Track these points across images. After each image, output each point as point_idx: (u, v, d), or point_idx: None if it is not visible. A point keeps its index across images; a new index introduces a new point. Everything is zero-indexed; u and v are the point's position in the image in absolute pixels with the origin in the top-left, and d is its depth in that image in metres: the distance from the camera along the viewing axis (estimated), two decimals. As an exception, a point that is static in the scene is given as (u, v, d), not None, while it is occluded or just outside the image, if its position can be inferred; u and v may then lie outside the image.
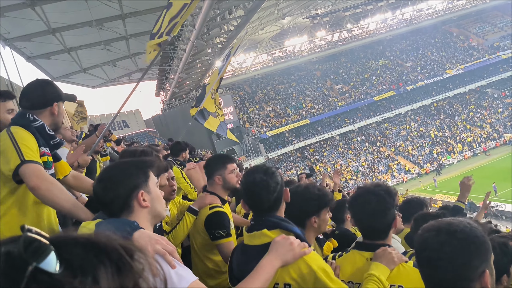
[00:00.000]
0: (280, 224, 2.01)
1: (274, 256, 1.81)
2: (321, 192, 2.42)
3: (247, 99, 53.23)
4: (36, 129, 2.44)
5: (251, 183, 2.09)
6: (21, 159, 2.27)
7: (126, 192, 1.65)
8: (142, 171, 1.73)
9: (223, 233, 2.95)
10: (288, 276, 1.87)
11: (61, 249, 0.56)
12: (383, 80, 54.62)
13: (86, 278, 0.55)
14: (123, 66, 33.35)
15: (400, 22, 58.89)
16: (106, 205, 1.69)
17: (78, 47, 27.40)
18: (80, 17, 22.74)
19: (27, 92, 2.58)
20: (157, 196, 1.75)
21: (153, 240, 1.51)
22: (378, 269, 2.04)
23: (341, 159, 47.47)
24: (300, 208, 2.31)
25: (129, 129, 46.73)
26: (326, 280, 1.82)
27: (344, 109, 50.90)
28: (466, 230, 1.32)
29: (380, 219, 2.18)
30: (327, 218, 2.44)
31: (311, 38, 55.67)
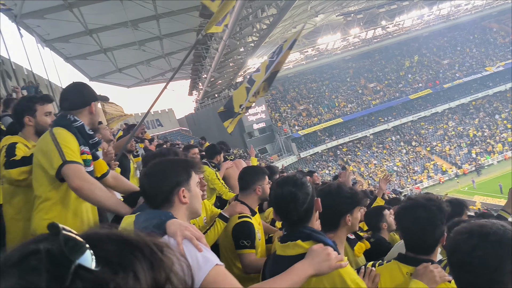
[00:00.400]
0: (312, 236, 2.00)
1: (309, 263, 1.82)
2: (353, 191, 2.45)
3: (279, 98, 53.04)
4: (77, 129, 2.62)
5: (279, 195, 2.10)
6: (63, 159, 2.44)
7: (168, 188, 1.83)
8: (185, 170, 1.90)
9: (247, 243, 3.04)
10: (321, 284, 1.87)
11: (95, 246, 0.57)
12: (419, 78, 53.20)
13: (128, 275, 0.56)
14: (157, 66, 33.88)
15: (437, 18, 57.16)
16: (150, 197, 1.88)
17: (114, 48, 28.03)
18: (115, 18, 23.26)
19: (67, 94, 2.77)
20: (196, 194, 1.92)
21: (183, 226, 1.67)
22: (417, 286, 1.99)
23: (375, 159, 46.61)
24: (334, 207, 2.33)
25: (162, 128, 47.46)
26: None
27: (378, 108, 49.91)
28: (499, 233, 1.28)
29: (428, 235, 2.14)
30: (359, 216, 2.46)
31: (344, 36, 54.81)
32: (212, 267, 1.57)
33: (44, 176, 2.57)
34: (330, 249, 1.86)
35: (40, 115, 3.14)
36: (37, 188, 2.64)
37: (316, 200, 2.11)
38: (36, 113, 3.13)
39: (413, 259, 2.17)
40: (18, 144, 3.06)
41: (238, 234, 3.08)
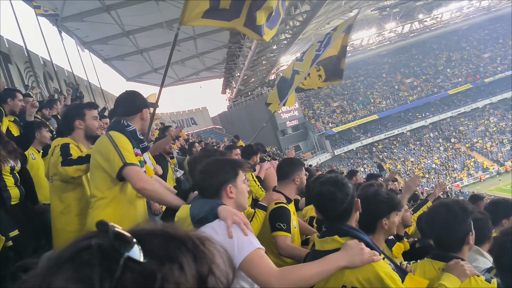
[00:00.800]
0: (350, 232, 2.11)
1: (342, 254, 1.93)
2: (390, 195, 2.51)
3: (312, 95, 52.58)
4: (130, 133, 2.81)
5: (319, 193, 2.25)
6: (123, 162, 2.63)
7: (217, 184, 2.11)
8: (232, 169, 2.17)
9: (283, 226, 3.17)
10: (356, 279, 1.95)
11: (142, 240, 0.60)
12: (458, 72, 51.43)
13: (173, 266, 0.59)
14: (191, 65, 34.35)
15: (477, 11, 55.04)
16: (203, 191, 2.17)
17: (150, 48, 28.63)
18: (151, 19, 23.74)
19: (121, 101, 3.01)
20: (242, 191, 2.17)
21: (232, 212, 1.92)
22: (449, 280, 2.10)
23: (412, 156, 45.50)
24: (371, 210, 2.40)
25: (196, 126, 48.10)
26: (393, 286, 1.89)
27: (415, 104, 48.60)
28: None
29: (450, 232, 2.29)
30: (396, 220, 2.52)
31: (380, 31, 53.70)
32: (253, 249, 1.79)
33: (102, 177, 2.76)
34: (363, 245, 1.96)
35: (89, 119, 3.43)
36: (94, 188, 2.83)
37: (356, 201, 2.20)
38: (85, 117, 3.42)
39: (444, 255, 2.30)
40: (70, 144, 3.31)
41: (274, 217, 3.21)
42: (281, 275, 1.79)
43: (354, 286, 1.95)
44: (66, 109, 3.77)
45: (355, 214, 2.21)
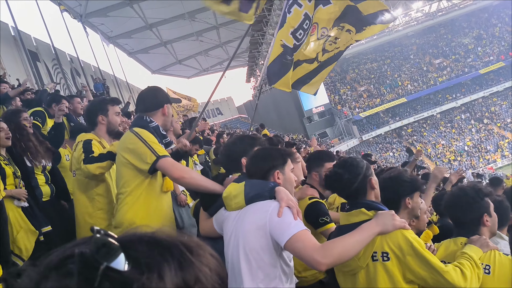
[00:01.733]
0: (373, 205, 2.23)
1: (376, 222, 2.04)
2: (413, 177, 2.62)
3: (338, 80, 51.83)
4: (153, 129, 2.85)
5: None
6: (156, 155, 2.68)
7: (266, 168, 2.22)
8: (282, 156, 2.29)
9: (327, 219, 3.13)
10: (386, 245, 2.06)
11: (129, 248, 0.60)
12: (490, 50, 49.52)
13: (152, 275, 0.58)
14: (215, 55, 34.38)
15: (510, -16, 52.74)
16: (252, 175, 2.24)
17: (173, 40, 28.79)
18: (173, 11, 23.82)
19: (143, 97, 3.02)
20: (289, 179, 2.27)
21: (289, 196, 2.04)
22: (471, 249, 2.28)
23: (443, 139, 44.36)
24: (395, 189, 2.50)
25: (222, 116, 48.33)
26: (421, 249, 2.01)
27: (445, 85, 47.16)
28: None
29: (463, 212, 2.52)
30: (419, 201, 2.59)
31: (406, 11, 52.17)
32: (300, 230, 1.90)
33: (130, 173, 2.79)
34: (393, 212, 2.11)
35: (112, 114, 3.49)
36: (121, 185, 2.86)
37: (370, 180, 2.27)
38: (108, 112, 3.47)
39: (467, 232, 2.49)
40: (93, 141, 3.33)
41: (315, 213, 3.16)
42: (325, 249, 1.86)
43: (385, 251, 2.06)
44: (90, 104, 3.80)
45: (372, 192, 2.29)
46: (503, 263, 2.27)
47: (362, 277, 2.15)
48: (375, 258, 2.09)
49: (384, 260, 2.06)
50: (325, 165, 3.36)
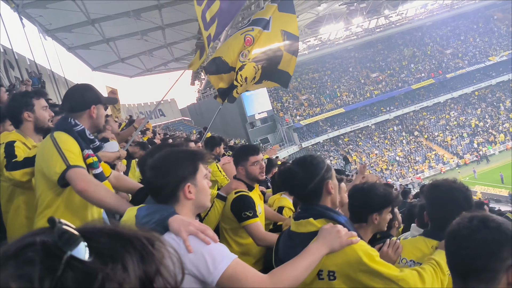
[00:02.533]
0: (324, 213, 2.07)
1: (322, 242, 1.87)
2: (386, 191, 2.47)
3: (281, 88, 52.60)
4: (78, 133, 2.55)
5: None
6: (67, 164, 2.37)
7: (174, 183, 1.76)
8: (192, 163, 1.82)
9: (250, 213, 3.09)
10: (333, 263, 1.94)
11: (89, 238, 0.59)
12: (421, 67, 52.97)
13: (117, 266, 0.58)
14: (159, 56, 33.90)
15: (441, 7, 56.75)
16: (155, 191, 1.83)
17: (117, 37, 28.06)
18: (118, 8, 23.26)
19: (68, 96, 2.70)
20: (203, 189, 1.84)
21: (185, 222, 1.64)
22: (440, 255, 2.11)
23: (377, 149, 46.68)
24: (364, 203, 2.39)
25: (165, 118, 47.61)
26: (372, 263, 1.89)
27: (380, 98, 49.79)
28: (499, 221, 1.31)
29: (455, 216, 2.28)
30: (387, 217, 2.49)
31: (347, 25, 54.49)
32: (231, 261, 1.60)
33: (46, 183, 2.52)
34: (340, 227, 1.92)
35: (38, 109, 3.03)
36: (38, 195, 2.58)
37: (327, 183, 2.10)
38: (34, 108, 3.01)
39: (439, 234, 2.27)
40: (16, 142, 2.91)
41: (238, 207, 3.15)
42: (274, 280, 1.67)
43: (331, 270, 1.96)
44: (11, 99, 3.26)
45: (328, 196, 2.12)
46: None
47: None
48: (321, 276, 1.99)
49: (330, 279, 1.97)
50: (250, 158, 3.33)
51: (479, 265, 1.28)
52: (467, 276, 1.31)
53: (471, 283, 1.30)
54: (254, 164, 3.34)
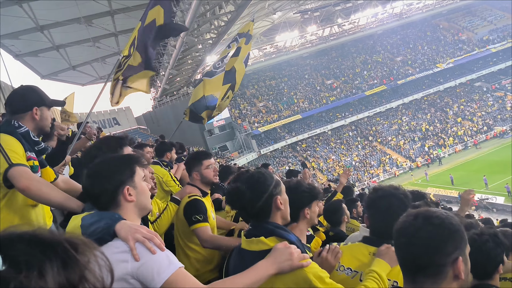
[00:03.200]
0: (275, 232, 2.02)
1: (271, 262, 1.84)
2: (311, 186, 2.52)
3: (238, 95, 53.03)
4: (21, 135, 2.52)
5: (228, 191, 2.18)
6: (9, 163, 2.35)
7: (112, 188, 1.78)
8: (128, 166, 1.86)
9: (200, 217, 3.13)
10: (283, 282, 1.90)
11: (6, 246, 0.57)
12: (374, 74, 54.78)
13: (31, 273, 0.55)
14: (112, 63, 32.93)
15: (391, 17, 59.12)
16: (94, 199, 1.83)
17: (67, 44, 27.07)
18: (68, 14, 22.46)
19: (10, 98, 2.69)
20: (142, 190, 1.87)
21: (133, 229, 1.64)
22: (380, 265, 2.15)
23: (333, 154, 47.61)
24: (294, 201, 2.35)
25: (120, 127, 46.39)
26: (321, 286, 1.86)
27: (335, 104, 51.00)
28: (442, 217, 1.35)
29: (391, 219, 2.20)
30: (317, 210, 2.53)
31: (302, 33, 55.61)
32: (175, 270, 1.60)
33: None
34: (293, 248, 1.88)
35: None
36: None
37: (275, 199, 2.08)
38: None
39: (377, 241, 2.32)
40: None
41: (189, 211, 3.19)
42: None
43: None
44: None
45: (278, 212, 2.09)
46: None
47: None
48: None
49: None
50: (204, 162, 3.42)
51: (425, 261, 1.33)
52: (416, 272, 1.35)
53: (420, 278, 1.34)
54: (208, 167, 3.43)
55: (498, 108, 47.96)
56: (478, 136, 44.72)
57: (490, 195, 29.14)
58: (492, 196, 29.05)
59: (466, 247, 1.38)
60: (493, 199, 28.62)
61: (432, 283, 1.32)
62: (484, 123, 46.40)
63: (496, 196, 28.89)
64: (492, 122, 46.12)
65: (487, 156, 39.22)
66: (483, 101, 50.05)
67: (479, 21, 58.99)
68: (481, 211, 27.07)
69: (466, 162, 39.49)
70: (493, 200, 28.56)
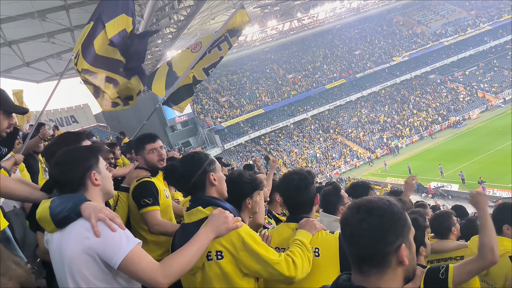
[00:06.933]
0: (211, 202, 2.29)
1: (210, 228, 2.02)
2: (252, 177, 2.66)
3: (200, 90, 52.63)
4: None
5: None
6: None
7: (81, 173, 1.93)
8: (93, 154, 2.02)
9: (149, 201, 3.07)
10: (219, 244, 2.12)
11: None
12: (333, 68, 55.76)
13: None
14: (69, 59, 31.94)
15: (348, 11, 60.23)
16: (63, 185, 1.94)
17: (20, 40, 25.99)
18: (20, 8, 21.56)
19: None
20: (107, 176, 2.04)
21: (97, 209, 1.78)
22: (302, 234, 2.38)
23: (296, 147, 48.21)
24: (236, 191, 2.55)
25: (78, 125, 45.10)
26: (253, 243, 2.10)
27: (297, 98, 51.57)
28: (384, 207, 1.38)
29: (302, 194, 2.56)
30: (258, 199, 2.67)
31: (262, 28, 55.73)
32: (132, 247, 1.74)
33: None
34: (228, 213, 2.10)
35: None
36: None
37: (208, 175, 2.32)
38: None
39: (297, 217, 2.57)
40: None
41: (137, 195, 3.13)
42: (164, 268, 1.78)
43: (218, 250, 2.13)
44: None
45: (213, 188, 2.34)
46: (328, 241, 2.38)
47: (200, 277, 2.20)
48: (209, 257, 2.15)
49: (218, 258, 2.13)
50: (146, 147, 3.35)
51: (369, 252, 1.36)
52: (361, 262, 1.39)
53: (366, 268, 1.38)
54: (151, 151, 3.35)
55: (452, 99, 50.05)
56: (433, 126, 46.53)
57: (446, 183, 30.44)
58: (447, 184, 30.35)
59: (410, 232, 1.42)
60: (448, 187, 29.91)
61: (378, 271, 1.36)
62: (438, 113, 48.29)
63: (451, 184, 30.19)
64: (446, 112, 48.09)
65: (442, 146, 40.92)
66: (437, 92, 52.09)
67: (432, 15, 61.21)
68: (437, 199, 28.27)
69: (423, 152, 41.07)
70: (449, 188, 29.84)
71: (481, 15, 57.57)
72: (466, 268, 2.50)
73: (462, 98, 49.43)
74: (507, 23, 53.79)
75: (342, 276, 1.50)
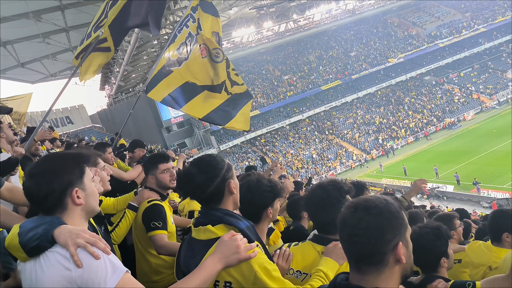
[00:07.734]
0: (223, 219, 1.98)
1: (218, 257, 1.79)
2: (272, 183, 2.44)
3: (196, 91, 52.49)
4: None
5: (179, 175, 2.13)
6: None
7: (60, 189, 1.62)
8: (77, 166, 1.70)
9: (158, 224, 3.04)
10: (229, 274, 1.88)
11: None
12: (329, 69, 55.90)
13: None
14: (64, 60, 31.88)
15: (344, 13, 60.45)
16: (39, 202, 1.63)
17: (15, 41, 25.89)
18: (15, 9, 21.49)
19: None
20: (92, 192, 1.73)
21: (73, 234, 1.52)
22: (327, 264, 2.11)
23: (292, 148, 48.23)
24: (257, 202, 2.35)
25: (73, 126, 44.96)
26: (267, 279, 1.83)
27: (293, 99, 51.65)
28: (381, 206, 1.39)
29: (327, 213, 2.22)
30: (278, 206, 2.49)
31: (258, 29, 55.82)
32: (121, 275, 1.51)
33: None
34: (240, 237, 1.84)
35: None
36: None
37: (228, 183, 2.03)
38: None
39: (324, 238, 2.29)
40: None
41: (148, 217, 3.11)
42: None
43: (228, 280, 1.89)
44: None
45: (230, 197, 2.06)
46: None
47: None
48: (217, 287, 1.94)
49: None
50: (160, 167, 3.31)
51: (367, 251, 1.37)
52: (359, 261, 1.40)
53: (364, 267, 1.39)
54: (164, 171, 3.33)
55: (447, 100, 50.26)
56: (428, 127, 46.69)
57: (441, 184, 30.55)
58: (442, 185, 30.46)
59: (407, 231, 1.43)
60: (443, 188, 30.01)
61: (376, 270, 1.38)
62: (433, 115, 48.49)
63: (446, 185, 30.29)
64: (441, 114, 48.28)
65: (437, 147, 41.05)
66: (432, 94, 52.29)
67: (427, 17, 61.51)
68: (433, 200, 28.37)
69: (418, 153, 41.21)
70: (444, 189, 29.95)
71: (476, 17, 57.92)
72: (494, 285, 2.30)
73: (457, 100, 49.65)
74: (501, 25, 54.19)
75: (340, 275, 1.50)
